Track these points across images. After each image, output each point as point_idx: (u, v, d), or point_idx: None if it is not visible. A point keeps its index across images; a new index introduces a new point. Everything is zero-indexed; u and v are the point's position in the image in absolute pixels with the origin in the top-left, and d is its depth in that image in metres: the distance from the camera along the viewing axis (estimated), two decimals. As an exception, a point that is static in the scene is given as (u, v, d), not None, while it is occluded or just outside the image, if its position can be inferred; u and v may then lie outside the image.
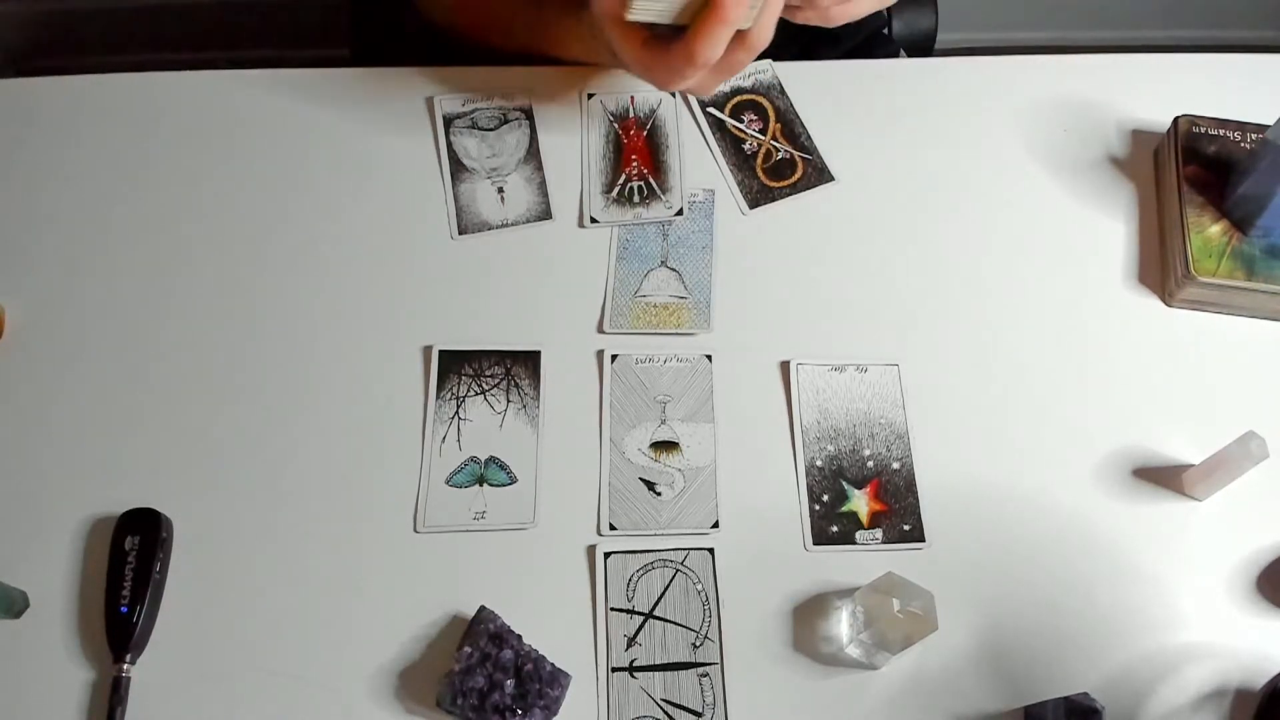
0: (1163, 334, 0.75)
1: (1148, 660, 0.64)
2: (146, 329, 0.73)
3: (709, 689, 0.63)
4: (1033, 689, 0.63)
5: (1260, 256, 0.74)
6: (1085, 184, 0.82)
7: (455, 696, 0.60)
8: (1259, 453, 0.64)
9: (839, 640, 0.64)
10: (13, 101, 0.83)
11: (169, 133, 0.81)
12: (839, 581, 0.66)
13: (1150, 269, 0.78)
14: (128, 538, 0.64)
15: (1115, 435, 0.71)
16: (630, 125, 0.83)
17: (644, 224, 0.78)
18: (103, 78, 0.84)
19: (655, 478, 0.69)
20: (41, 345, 0.72)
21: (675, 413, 0.71)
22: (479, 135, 0.81)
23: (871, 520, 0.68)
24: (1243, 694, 0.63)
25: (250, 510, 0.68)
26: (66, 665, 0.63)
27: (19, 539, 0.66)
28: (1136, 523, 0.68)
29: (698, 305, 0.75)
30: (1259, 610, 0.66)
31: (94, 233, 0.77)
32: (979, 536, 0.68)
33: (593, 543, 0.67)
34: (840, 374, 0.73)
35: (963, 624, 0.65)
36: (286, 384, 0.71)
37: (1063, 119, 0.84)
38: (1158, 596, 0.66)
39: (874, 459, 0.70)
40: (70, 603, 0.64)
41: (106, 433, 0.69)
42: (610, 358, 0.73)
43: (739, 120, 0.83)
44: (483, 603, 0.63)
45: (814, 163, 0.82)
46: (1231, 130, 0.79)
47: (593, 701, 0.63)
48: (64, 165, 0.79)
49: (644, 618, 0.65)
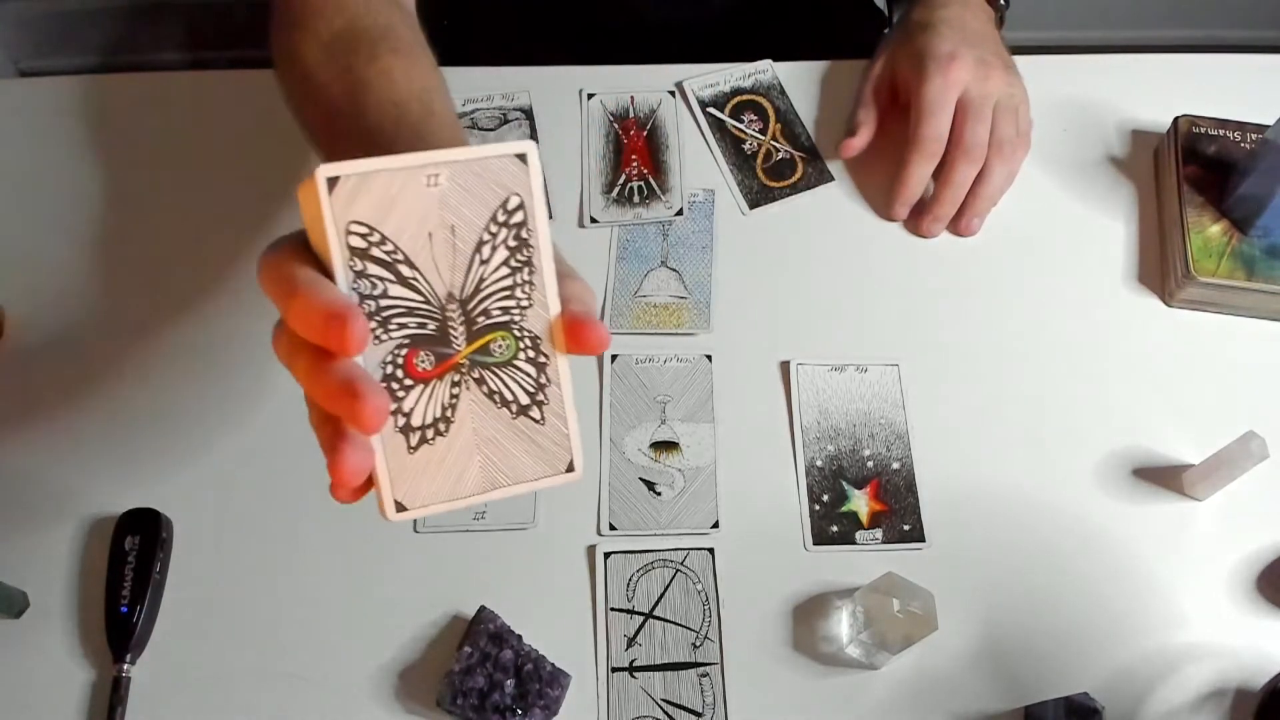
0: (1163, 334, 0.75)
1: (1148, 660, 0.64)
2: (146, 329, 0.73)
3: (709, 689, 0.63)
4: (1033, 689, 0.63)
5: (1260, 256, 0.74)
6: (1085, 184, 0.82)
7: (455, 696, 0.60)
8: (1259, 453, 0.64)
9: (839, 640, 0.64)
10: (13, 101, 0.83)
11: (169, 133, 0.81)
12: (839, 581, 0.66)
13: (1150, 269, 0.78)
14: (128, 538, 0.64)
15: (1115, 435, 0.71)
16: (630, 125, 0.83)
17: (644, 224, 0.78)
18: (103, 78, 0.84)
19: (655, 478, 0.69)
20: (41, 345, 0.72)
21: (675, 413, 0.71)
22: (479, 135, 0.81)
23: (871, 520, 0.68)
24: (1243, 694, 0.63)
25: (250, 510, 0.68)
26: (66, 665, 0.63)
27: (19, 539, 0.66)
28: (1136, 523, 0.68)
29: (698, 305, 0.75)
30: (1259, 610, 0.66)
31: (94, 232, 0.77)
32: (979, 536, 0.68)
33: (593, 543, 0.67)
34: (840, 374, 0.73)
35: (963, 624, 0.65)
36: (287, 384, 0.71)
37: (1063, 119, 0.84)
38: (1158, 596, 0.66)
39: (874, 459, 0.70)
40: (70, 603, 0.64)
41: (106, 433, 0.69)
42: (610, 358, 0.73)
43: (739, 120, 0.83)
44: (483, 603, 0.63)
45: (814, 163, 0.82)
46: (1231, 130, 0.79)
47: (593, 701, 0.63)
48: (64, 165, 0.79)
49: (644, 618, 0.65)
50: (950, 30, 0.78)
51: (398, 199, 0.38)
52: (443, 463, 0.41)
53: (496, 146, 0.40)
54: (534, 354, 0.42)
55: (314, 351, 0.37)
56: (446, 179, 0.39)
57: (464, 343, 0.40)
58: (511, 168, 0.40)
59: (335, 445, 0.38)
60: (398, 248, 0.39)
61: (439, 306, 0.40)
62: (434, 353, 0.40)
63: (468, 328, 0.40)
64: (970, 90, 0.76)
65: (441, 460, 0.41)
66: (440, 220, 0.39)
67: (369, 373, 0.38)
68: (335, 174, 0.37)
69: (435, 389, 0.40)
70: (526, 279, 0.41)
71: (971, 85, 0.76)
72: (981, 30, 0.80)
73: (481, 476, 0.42)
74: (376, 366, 0.39)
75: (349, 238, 0.38)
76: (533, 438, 0.42)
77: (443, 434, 0.41)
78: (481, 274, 0.40)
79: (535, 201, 0.40)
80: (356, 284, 0.38)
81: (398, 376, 0.40)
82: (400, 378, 0.40)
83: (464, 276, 0.40)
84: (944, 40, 0.77)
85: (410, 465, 0.40)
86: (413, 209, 0.39)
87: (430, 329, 0.40)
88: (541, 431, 0.42)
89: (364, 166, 0.38)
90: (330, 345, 0.36)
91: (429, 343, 0.40)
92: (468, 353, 0.41)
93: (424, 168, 0.38)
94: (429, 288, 0.40)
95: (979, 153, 0.76)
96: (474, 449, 0.41)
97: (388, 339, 0.39)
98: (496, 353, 0.41)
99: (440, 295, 0.40)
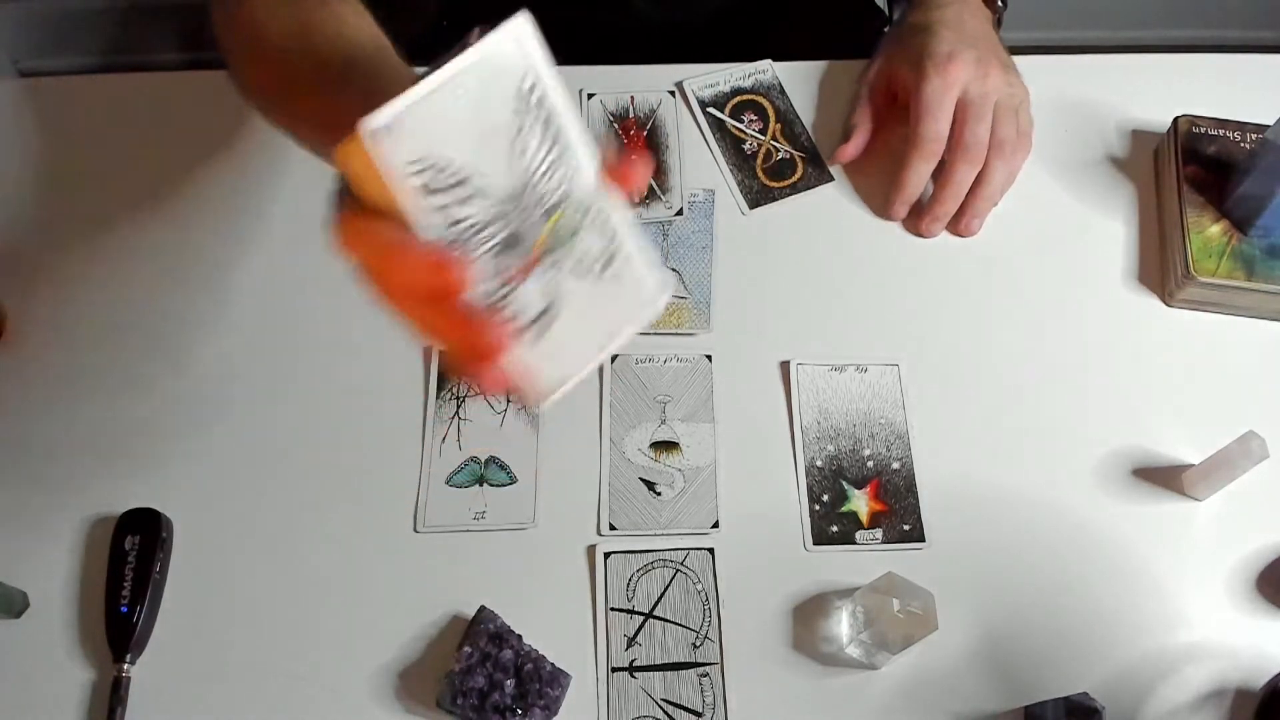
0: (1163, 334, 0.75)
1: (1148, 660, 0.64)
2: (146, 329, 0.73)
3: (709, 689, 0.63)
4: (1033, 689, 0.63)
5: (1260, 256, 0.74)
6: (1085, 184, 0.82)
7: (455, 696, 0.60)
8: (1259, 453, 0.64)
9: (839, 640, 0.64)
10: (13, 101, 0.83)
11: (169, 133, 0.81)
12: (839, 581, 0.66)
13: (1150, 269, 0.78)
14: (128, 538, 0.64)
15: (1115, 435, 0.71)
16: (630, 125, 0.83)
17: (644, 224, 0.78)
18: (103, 78, 0.84)
19: (655, 478, 0.69)
20: (41, 345, 0.72)
21: (675, 413, 0.71)
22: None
23: (871, 520, 0.68)
24: (1243, 694, 0.63)
25: (250, 510, 0.68)
26: (66, 665, 0.63)
27: (19, 539, 0.66)
28: (1136, 523, 0.68)
29: (698, 305, 0.75)
30: (1259, 610, 0.66)
31: (94, 232, 0.77)
32: (979, 536, 0.68)
33: (593, 543, 0.67)
34: (840, 374, 0.73)
35: (963, 624, 0.65)
36: (286, 384, 0.71)
37: (1063, 119, 0.84)
38: (1158, 596, 0.66)
39: (874, 459, 0.70)
40: (70, 603, 0.64)
41: (106, 433, 0.69)
42: (610, 358, 0.72)
43: (739, 120, 0.83)
44: (483, 603, 0.63)
45: (814, 163, 0.82)
46: (1231, 130, 0.79)
47: (593, 701, 0.63)
48: (64, 165, 0.79)
49: (644, 618, 0.65)
50: (948, 30, 0.78)
51: (439, 122, 0.38)
52: (564, 341, 0.44)
53: (494, 34, 0.39)
54: (593, 217, 0.44)
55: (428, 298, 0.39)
56: (473, 83, 0.39)
57: (538, 235, 0.42)
58: (516, 51, 0.40)
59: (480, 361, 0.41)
60: (455, 171, 0.39)
61: (505, 211, 0.41)
62: (517, 252, 0.42)
63: (535, 218, 0.42)
64: (970, 90, 0.76)
65: (563, 340, 0.44)
66: (479, 127, 0.40)
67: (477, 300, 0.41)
68: (378, 124, 0.37)
69: (531, 283, 0.43)
70: (562, 151, 0.42)
71: (971, 85, 0.76)
72: (979, 30, 0.80)
73: (598, 335, 0.45)
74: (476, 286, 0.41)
75: (409, 179, 0.38)
76: (619, 286, 0.45)
77: (555, 316, 0.44)
78: (526, 164, 0.41)
79: (544, 74, 0.40)
80: (434, 217, 0.39)
81: (498, 287, 0.42)
82: (500, 288, 0.42)
83: (515, 171, 0.41)
84: (941, 40, 0.77)
85: (540, 354, 0.43)
86: (454, 126, 0.39)
87: (507, 233, 0.42)
88: (623, 278, 0.45)
89: (399, 106, 0.37)
90: (450, 290, 0.39)
91: (510, 245, 0.42)
92: (542, 243, 0.43)
93: (449, 83, 0.38)
94: (493, 195, 0.41)
95: (979, 152, 0.76)
96: (583, 317, 0.44)
97: (476, 257, 0.41)
98: (564, 232, 0.43)
99: (502, 198, 0.41)
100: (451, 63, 0.38)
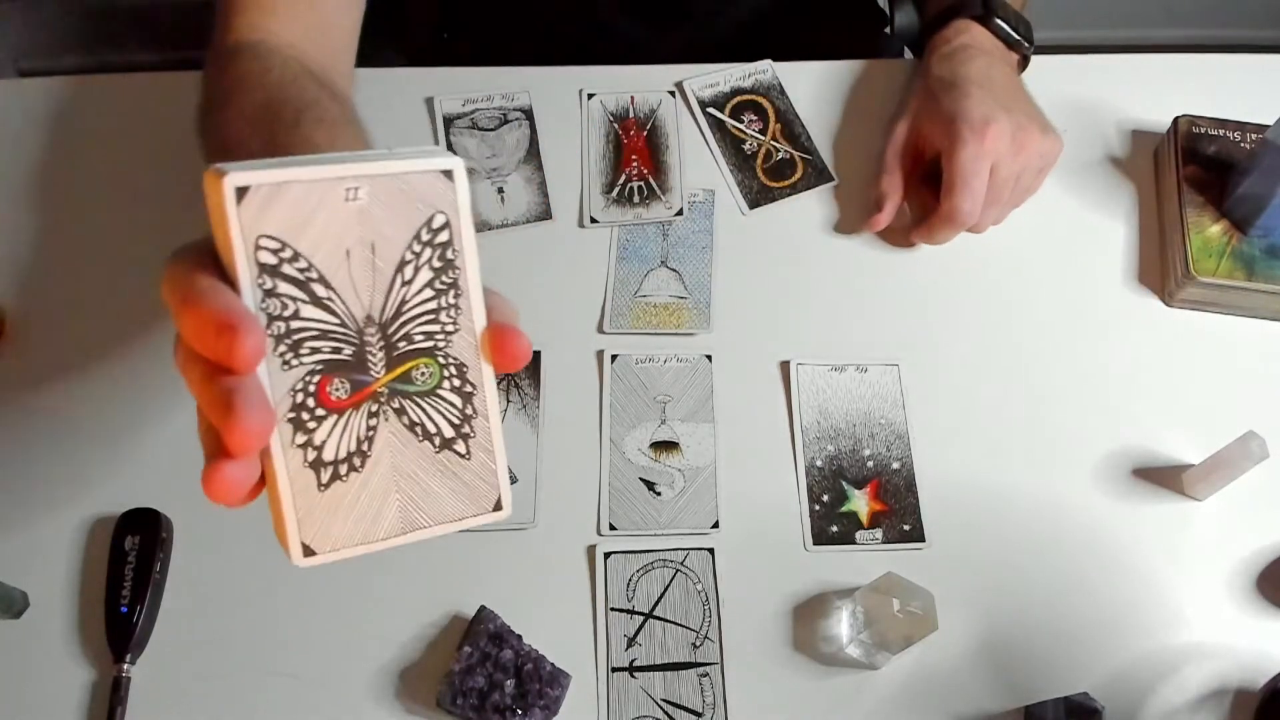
0: (1163, 334, 0.75)
1: (1148, 660, 0.64)
2: (146, 328, 0.73)
3: (709, 689, 0.63)
4: (1033, 689, 0.63)
5: (1260, 256, 0.74)
6: (1085, 184, 0.82)
7: (455, 696, 0.60)
8: (1259, 453, 0.64)
9: (839, 640, 0.64)
10: (13, 101, 0.83)
11: (169, 133, 0.81)
12: (839, 581, 0.66)
13: (1150, 269, 0.78)
14: (128, 538, 0.64)
15: (1115, 435, 0.71)
16: (630, 125, 0.83)
17: (644, 224, 0.78)
18: (103, 78, 0.84)
19: (655, 478, 0.69)
20: (41, 345, 0.72)
21: (675, 413, 0.71)
22: (479, 135, 0.81)
23: (871, 520, 0.68)
24: (1243, 694, 0.63)
25: (250, 510, 0.67)
26: (66, 665, 0.63)
27: (19, 539, 0.66)
28: (1136, 523, 0.68)
29: (698, 305, 0.75)
30: (1259, 610, 0.66)
31: (94, 232, 0.77)
32: (979, 536, 0.68)
33: (593, 543, 0.67)
34: (840, 374, 0.73)
35: (963, 624, 0.65)
36: (286, 384, 0.71)
37: (1063, 119, 0.83)
38: (1158, 596, 0.66)
39: (874, 459, 0.70)
40: (70, 603, 0.64)
41: (106, 433, 0.69)
42: (610, 358, 0.73)
43: (739, 120, 0.83)
44: (483, 603, 0.63)
45: (814, 163, 0.82)
46: (1231, 130, 0.79)
47: (593, 701, 0.63)
48: (64, 165, 0.79)
49: (644, 618, 0.65)
50: (979, 90, 0.74)
51: (314, 213, 0.35)
52: (357, 501, 0.38)
53: (421, 161, 0.37)
54: (460, 382, 0.38)
55: (207, 367, 0.34)
56: (367, 193, 0.36)
57: (383, 369, 0.37)
58: (438, 184, 0.37)
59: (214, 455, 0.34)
60: (312, 265, 0.35)
61: (356, 330, 0.37)
62: (350, 380, 0.37)
63: (388, 353, 0.37)
64: (1001, 168, 0.72)
65: (356, 499, 0.38)
66: (359, 237, 0.36)
67: (265, 395, 0.35)
68: (245, 184, 0.34)
69: (350, 420, 0.37)
70: (452, 302, 0.38)
71: (1003, 161, 0.72)
72: (1008, 85, 0.77)
73: (400, 516, 0.39)
74: (286, 394, 0.36)
75: (258, 253, 0.34)
76: (457, 473, 0.39)
77: (357, 469, 0.37)
78: (403, 296, 0.37)
79: (462, 220, 0.37)
80: (265, 303, 0.35)
81: (309, 406, 0.36)
82: (312, 407, 0.36)
83: (384, 298, 0.37)
84: (976, 103, 0.73)
85: (321, 504, 0.37)
86: (330, 224, 0.35)
87: (346, 354, 0.37)
88: (467, 467, 0.39)
89: (278, 176, 0.34)
90: (220, 359, 0.33)
91: (345, 369, 0.37)
92: (387, 380, 0.37)
93: (343, 180, 0.35)
94: (346, 309, 0.36)
95: (983, 223, 0.75)
96: (392, 486, 0.38)
97: (299, 365, 0.36)
98: (419, 381, 0.38)
99: (358, 318, 0.37)
100: (363, 162, 0.36)
